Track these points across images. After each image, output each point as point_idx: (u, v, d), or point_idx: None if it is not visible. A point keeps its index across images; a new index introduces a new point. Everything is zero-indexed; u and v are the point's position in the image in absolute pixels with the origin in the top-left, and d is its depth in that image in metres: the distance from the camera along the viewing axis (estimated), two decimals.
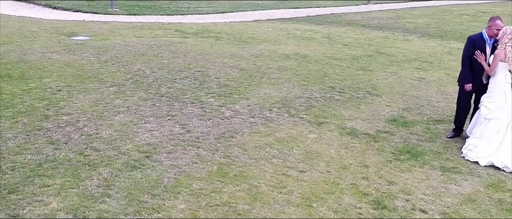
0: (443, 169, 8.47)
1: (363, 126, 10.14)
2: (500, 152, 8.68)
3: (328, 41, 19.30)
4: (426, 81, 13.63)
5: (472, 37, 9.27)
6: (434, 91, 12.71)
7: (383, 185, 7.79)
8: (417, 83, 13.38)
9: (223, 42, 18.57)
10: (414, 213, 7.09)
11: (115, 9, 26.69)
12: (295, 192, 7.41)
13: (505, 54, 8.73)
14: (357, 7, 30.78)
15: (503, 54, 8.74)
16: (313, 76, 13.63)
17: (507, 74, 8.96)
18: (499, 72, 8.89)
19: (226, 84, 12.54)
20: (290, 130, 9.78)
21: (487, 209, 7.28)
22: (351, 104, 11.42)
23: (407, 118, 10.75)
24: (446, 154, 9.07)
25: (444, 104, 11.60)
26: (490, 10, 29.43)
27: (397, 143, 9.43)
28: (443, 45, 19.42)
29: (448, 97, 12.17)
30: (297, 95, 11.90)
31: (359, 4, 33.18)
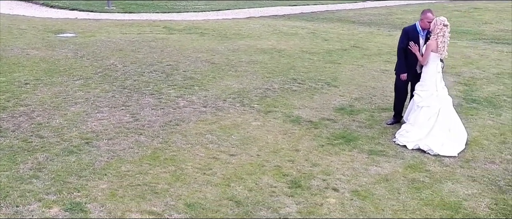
0: (370, 152, 8.91)
1: (309, 114, 10.62)
2: (430, 137, 9.12)
3: (311, 36, 19.76)
4: (388, 73, 14.06)
5: (406, 28, 9.76)
6: (392, 82, 13.16)
7: (306, 166, 8.26)
8: (379, 75, 13.83)
9: (206, 38, 19.12)
10: (325, 191, 7.55)
11: (111, 7, 27.28)
12: (219, 173, 7.91)
13: (437, 44, 9.18)
14: (353, 4, 31.11)
15: (435, 45, 9.21)
16: (279, 69, 14.11)
17: (438, 64, 9.42)
18: (431, 62, 9.35)
19: (191, 77, 13.07)
20: (236, 118, 10.28)
21: (398, 187, 7.73)
22: (306, 95, 11.89)
23: (355, 107, 11.20)
24: (379, 139, 9.50)
25: None
26: (482, 7, 29.69)
27: (336, 129, 9.88)
28: None
29: None
30: (256, 87, 12.37)
31: (357, 1, 33.41)
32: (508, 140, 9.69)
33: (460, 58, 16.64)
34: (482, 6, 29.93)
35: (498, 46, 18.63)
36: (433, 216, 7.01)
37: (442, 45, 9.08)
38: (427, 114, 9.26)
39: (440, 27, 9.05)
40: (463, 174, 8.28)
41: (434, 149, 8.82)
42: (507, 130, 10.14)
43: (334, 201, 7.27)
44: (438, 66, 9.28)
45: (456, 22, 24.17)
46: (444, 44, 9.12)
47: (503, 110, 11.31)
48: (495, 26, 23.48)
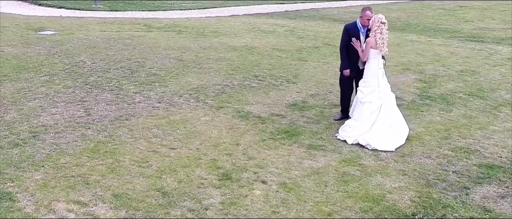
0: (309, 146, 9.18)
1: (260, 110, 10.90)
2: (371, 133, 9.41)
3: (287, 34, 20.25)
4: None
5: (347, 26, 10.05)
6: None
7: (242, 160, 8.55)
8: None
9: (182, 36, 19.49)
10: (254, 183, 7.83)
11: (99, 5, 27.59)
12: (154, 166, 8.21)
13: (375, 41, 9.46)
14: (340, 3, 31.23)
15: (373, 41, 9.49)
16: (244, 66, 14.40)
17: (379, 60, 9.69)
18: (371, 58, 9.63)
19: (155, 74, 13.38)
20: (187, 113, 10.58)
21: (326, 180, 8.02)
22: (262, 91, 12.18)
23: (308, 103, 11.48)
24: (323, 134, 9.78)
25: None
26: (468, 5, 29.88)
27: (282, 124, 10.17)
28: (398, 37, 20.34)
29: None
30: (216, 83, 12.68)
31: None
32: (451, 136, 9.89)
33: (429, 56, 16.99)
34: (468, 5, 30.11)
35: (471, 44, 18.91)
36: (353, 208, 7.23)
37: (380, 42, 9.34)
38: (369, 110, 9.53)
39: (377, 25, 9.33)
40: (396, 168, 8.49)
41: (372, 144, 9.08)
42: (452, 126, 10.34)
43: (260, 193, 7.50)
44: (380, 63, 9.54)
45: (437, 20, 24.55)
46: (382, 41, 9.38)
47: (455, 107, 11.54)
48: (475, 24, 23.72)
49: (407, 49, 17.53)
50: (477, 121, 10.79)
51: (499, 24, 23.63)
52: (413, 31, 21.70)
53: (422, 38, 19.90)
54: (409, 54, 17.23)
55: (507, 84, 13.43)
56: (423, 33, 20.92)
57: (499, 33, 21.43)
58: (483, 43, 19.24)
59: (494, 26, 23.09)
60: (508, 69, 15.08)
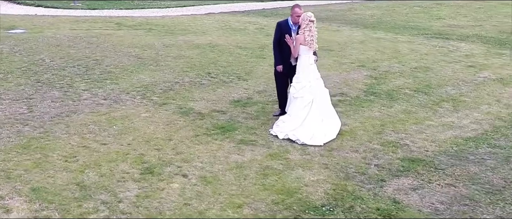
0: (241, 141, 9.43)
1: (202, 106, 11.16)
2: (302, 128, 9.67)
3: (255, 32, 20.72)
4: None
5: (279, 22, 10.29)
6: None
7: (169, 155, 8.80)
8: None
9: (150, 34, 19.80)
10: (174, 177, 8.09)
11: (77, 4, 27.82)
12: (80, 161, 8.46)
13: (304, 38, 9.72)
14: (318, 2, 31.36)
15: (302, 38, 9.74)
16: (201, 64, 14.65)
17: (310, 57, 9.95)
18: (302, 55, 9.88)
19: (110, 71, 13.64)
20: (129, 110, 10.83)
21: (247, 174, 8.27)
22: (211, 88, 12.44)
23: (253, 99, 11.72)
24: (258, 129, 10.03)
25: None
26: (445, 3, 30.19)
27: (220, 120, 10.42)
28: (365, 35, 20.82)
29: None
30: (167, 81, 12.95)
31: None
32: (385, 131, 10.15)
33: (389, 53, 17.32)
34: (445, 3, 30.45)
35: (435, 41, 19.29)
36: (266, 200, 7.48)
37: (309, 39, 9.59)
38: (301, 105, 9.77)
39: (306, 23, 9.59)
40: (319, 161, 8.74)
41: (301, 139, 9.33)
42: (389, 121, 10.61)
43: (177, 186, 7.76)
44: (311, 59, 9.79)
45: (410, 18, 24.87)
46: (311, 38, 9.64)
47: (398, 102, 11.80)
48: (446, 21, 24.00)
49: (370, 46, 17.79)
50: (415, 116, 11.01)
51: (469, 21, 23.91)
52: (382, 29, 22.14)
53: (389, 35, 20.16)
54: (369, 51, 17.51)
55: (456, 81, 13.69)
56: (391, 31, 21.20)
57: (466, 30, 21.92)
58: (448, 40, 19.52)
59: (464, 23, 23.35)
60: (463, 66, 15.32)
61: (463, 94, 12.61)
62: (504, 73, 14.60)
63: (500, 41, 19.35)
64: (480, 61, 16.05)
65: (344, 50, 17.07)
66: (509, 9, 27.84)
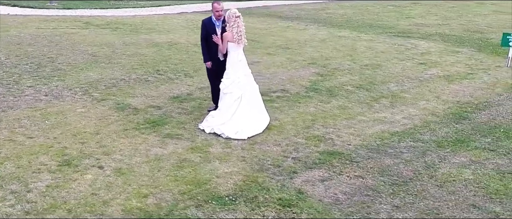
0: (166, 135, 9.69)
1: (140, 102, 11.42)
2: (229, 123, 9.92)
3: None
4: (259, 64, 15.28)
5: (204, 20, 10.52)
6: (254, 74, 13.86)
7: (91, 148, 9.05)
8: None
9: (115, 33, 20.07)
10: (90, 169, 8.32)
11: (53, 4, 28.04)
12: (2, 153, 8.70)
13: (233, 35, 9.97)
14: (292, 2, 31.59)
15: (230, 36, 9.99)
16: (153, 61, 14.91)
17: (238, 53, 10.20)
18: (231, 51, 10.13)
19: (60, 69, 13.90)
20: (66, 105, 11.08)
21: (162, 166, 8.54)
22: (155, 85, 12.69)
23: (193, 95, 11.97)
24: (188, 124, 10.29)
25: None
26: (421, 2, 30.51)
27: (153, 115, 10.67)
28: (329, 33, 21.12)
29: (263, 78, 13.86)
30: (114, 78, 13.21)
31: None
32: (314, 125, 10.41)
33: (345, 51, 17.62)
34: (420, 2, 30.73)
35: (397, 40, 19.76)
36: (172, 190, 7.74)
37: (237, 36, 9.83)
38: (230, 100, 10.01)
39: (233, 20, 9.83)
40: (238, 155, 8.97)
41: (226, 133, 9.60)
42: (321, 116, 10.88)
43: (90, 177, 8.03)
44: (239, 55, 10.03)
45: (380, 17, 25.26)
46: (239, 35, 9.85)
47: (337, 99, 12.08)
48: (415, 20, 24.33)
49: (329, 45, 18.07)
50: (349, 112, 11.26)
51: (438, 20, 24.21)
52: (349, 28, 22.58)
53: (353, 34, 20.45)
54: (326, 49, 17.85)
55: (402, 78, 13.97)
56: (357, 29, 21.51)
57: (431, 29, 22.45)
58: (409, 38, 19.79)
59: (432, 22, 23.66)
60: (414, 63, 15.62)
61: (404, 90, 12.82)
62: (453, 70, 14.82)
63: (461, 39, 19.68)
64: (433, 59, 16.25)
65: (301, 48, 17.29)
66: (482, 8, 28.04)
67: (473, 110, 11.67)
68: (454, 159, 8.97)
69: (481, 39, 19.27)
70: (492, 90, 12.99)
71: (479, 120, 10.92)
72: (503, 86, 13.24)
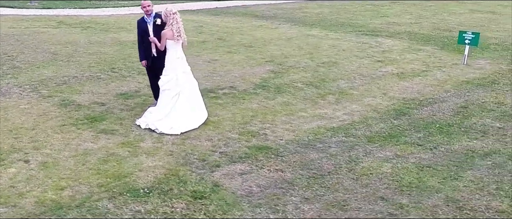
0: (102, 131, 9.91)
1: (85, 99, 11.63)
2: (166, 118, 10.13)
3: (192, 29, 21.16)
4: (216, 62, 15.61)
5: (138, 20, 10.71)
6: (208, 71, 14.63)
7: (23, 143, 9.25)
8: (200, 64, 14.92)
9: (85, 32, 20.38)
10: (16, 163, 8.52)
11: (34, 3, 28.27)
12: None
13: (173, 33, 10.15)
14: (271, 1, 32.15)
15: (170, 33, 10.15)
16: (112, 59, 15.16)
17: (177, 50, 10.40)
18: (170, 49, 10.32)
19: (17, 67, 14.16)
20: (11, 102, 11.30)
21: (88, 160, 8.86)
22: (105, 82, 12.92)
23: (141, 92, 12.18)
24: (126, 120, 10.49)
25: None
26: (401, 2, 30.90)
27: (95, 111, 10.88)
28: (298, 32, 21.32)
29: (216, 75, 14.17)
30: (66, 75, 13.44)
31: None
32: (252, 121, 10.66)
33: (307, 49, 17.82)
34: (400, 1, 30.92)
35: (364, 38, 20.13)
36: (91, 183, 7.97)
37: (177, 33, 10.01)
38: (168, 97, 10.22)
39: (171, 17, 10.01)
40: (168, 149, 9.18)
41: (160, 128, 9.82)
42: (262, 112, 11.12)
43: (14, 170, 8.24)
44: (178, 52, 10.22)
45: (355, 16, 25.79)
46: (179, 32, 10.05)
47: (283, 95, 12.27)
48: (389, 19, 24.56)
49: (293, 43, 18.32)
50: (291, 108, 11.47)
51: (411, 19, 24.45)
52: (321, 26, 22.88)
53: (322, 33, 20.74)
54: (289, 48, 18.06)
55: (355, 75, 14.22)
56: (328, 28, 21.80)
57: (402, 27, 22.76)
58: (377, 37, 20.01)
59: (405, 21, 23.90)
60: (372, 61, 15.88)
61: (353, 87, 13.02)
62: (409, 67, 15.04)
63: (428, 37, 20.13)
64: (392, 57, 16.46)
65: (265, 47, 17.48)
66: (460, 7, 28.23)
67: (416, 106, 11.79)
68: (379, 153, 9.10)
69: (447, 38, 19.51)
70: (441, 87, 13.06)
71: (418, 116, 11.03)
72: (453, 83, 13.42)
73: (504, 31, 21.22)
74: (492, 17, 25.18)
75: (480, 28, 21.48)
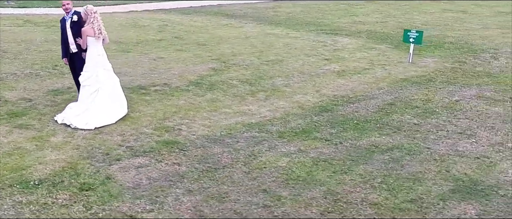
0: (19, 126, 10.34)
1: (14, 95, 11.99)
2: (84, 113, 10.37)
3: (156, 28, 21.56)
4: (160, 60, 15.90)
5: (61, 19, 10.93)
6: (149, 69, 14.83)
7: None
8: (145, 62, 15.33)
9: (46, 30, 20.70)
10: None
11: (10, 3, 28.54)
12: None
13: (94, 31, 10.39)
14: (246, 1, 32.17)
15: (91, 31, 10.38)
16: (58, 57, 14.85)
17: (98, 48, 10.63)
18: (91, 46, 10.55)
19: None
20: None
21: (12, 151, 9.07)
22: (41, 79, 13.23)
23: (72, 89, 12.34)
24: (47, 115, 10.73)
25: (129, 78, 13.68)
26: (375, 2, 31.13)
27: (20, 107, 11.25)
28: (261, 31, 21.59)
29: (155, 73, 14.42)
30: (6, 72, 13.82)
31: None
32: (172, 117, 11.04)
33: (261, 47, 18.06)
34: (374, 1, 31.07)
35: (322, 37, 20.42)
36: None
37: (97, 31, 10.26)
38: (87, 93, 10.46)
39: (91, 15, 10.26)
40: (76, 143, 9.43)
41: (74, 123, 10.07)
42: (185, 109, 11.56)
43: None
44: (99, 50, 10.46)
45: (323, 15, 26.11)
46: (99, 30, 10.30)
47: (214, 92, 12.54)
48: (356, 18, 24.81)
49: (248, 42, 18.96)
50: (217, 104, 11.86)
51: (378, 18, 24.74)
52: (285, 25, 23.13)
53: (284, 32, 21.27)
54: (242, 46, 18.27)
55: (295, 72, 14.57)
56: (292, 27, 22.48)
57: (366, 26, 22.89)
58: (335, 36, 20.20)
59: (371, 20, 24.14)
60: (318, 59, 16.17)
61: (288, 85, 13.24)
62: (352, 65, 15.26)
63: (386, 36, 20.44)
64: (342, 55, 16.73)
65: (218, 45, 17.74)
66: (433, 6, 28.35)
67: (344, 103, 12.09)
68: (283, 148, 9.30)
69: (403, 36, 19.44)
70: (376, 85, 13.25)
71: (341, 113, 11.24)
72: (390, 81, 13.62)
73: (465, 30, 21.39)
74: (461, 16, 25.41)
75: (443, 27, 21.83)
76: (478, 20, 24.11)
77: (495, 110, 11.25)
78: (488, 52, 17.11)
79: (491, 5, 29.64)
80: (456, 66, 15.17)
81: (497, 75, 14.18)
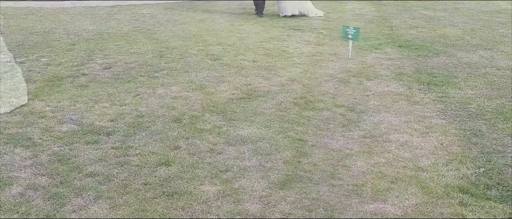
0: None
1: None
2: None
3: (124, 21, 22.03)
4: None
5: None
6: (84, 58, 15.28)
7: None
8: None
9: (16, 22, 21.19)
10: None
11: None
12: None
13: None
14: None
15: None
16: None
17: None
18: None
19: None
20: None
21: None
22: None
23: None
24: None
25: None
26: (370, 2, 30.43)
27: None
28: (231, 26, 21.65)
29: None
30: None
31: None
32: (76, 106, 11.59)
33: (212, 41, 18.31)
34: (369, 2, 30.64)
35: (288, 32, 20.49)
36: None
37: None
38: None
39: None
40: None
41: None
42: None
43: None
44: None
45: None
46: None
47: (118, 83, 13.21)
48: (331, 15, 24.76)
49: (207, 38, 19.31)
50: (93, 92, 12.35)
51: (353, 16, 24.97)
52: (258, 23, 22.95)
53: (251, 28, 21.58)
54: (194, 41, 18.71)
55: (217, 65, 15.00)
56: (262, 25, 22.44)
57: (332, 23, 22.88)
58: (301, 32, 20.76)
59: (348, 17, 24.48)
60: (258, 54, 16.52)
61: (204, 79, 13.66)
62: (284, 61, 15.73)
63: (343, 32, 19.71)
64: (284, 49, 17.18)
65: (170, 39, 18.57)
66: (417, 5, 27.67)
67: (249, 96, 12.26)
68: None
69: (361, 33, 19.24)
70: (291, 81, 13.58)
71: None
72: (309, 77, 13.80)
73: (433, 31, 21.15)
74: (444, 15, 24.84)
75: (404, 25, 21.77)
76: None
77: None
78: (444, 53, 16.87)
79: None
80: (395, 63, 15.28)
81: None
